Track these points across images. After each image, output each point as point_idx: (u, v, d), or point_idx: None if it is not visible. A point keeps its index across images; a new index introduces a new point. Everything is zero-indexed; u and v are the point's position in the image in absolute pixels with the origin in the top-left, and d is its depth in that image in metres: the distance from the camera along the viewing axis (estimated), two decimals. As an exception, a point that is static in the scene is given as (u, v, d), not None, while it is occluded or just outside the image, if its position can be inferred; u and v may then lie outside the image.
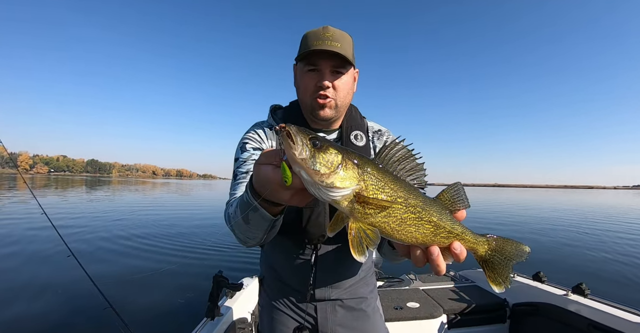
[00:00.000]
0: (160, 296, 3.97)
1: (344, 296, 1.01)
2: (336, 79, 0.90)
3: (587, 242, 8.01)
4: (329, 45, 0.85)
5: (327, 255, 0.96)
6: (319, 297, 0.98)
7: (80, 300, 3.64)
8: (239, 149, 0.98)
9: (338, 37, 0.87)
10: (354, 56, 0.93)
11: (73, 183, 45.96)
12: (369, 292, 1.08)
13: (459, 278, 2.59)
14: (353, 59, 0.91)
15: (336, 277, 0.98)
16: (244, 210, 0.66)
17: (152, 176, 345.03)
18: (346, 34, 0.91)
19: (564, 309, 1.83)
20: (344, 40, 0.88)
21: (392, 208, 0.50)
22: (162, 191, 32.79)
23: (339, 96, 0.91)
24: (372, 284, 1.11)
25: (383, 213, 0.49)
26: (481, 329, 2.10)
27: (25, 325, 3.12)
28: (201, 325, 1.57)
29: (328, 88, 0.89)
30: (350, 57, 0.89)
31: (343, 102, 0.93)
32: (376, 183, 0.49)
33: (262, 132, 1.02)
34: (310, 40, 0.87)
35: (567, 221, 12.77)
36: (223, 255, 6.09)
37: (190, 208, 15.49)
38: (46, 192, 22.44)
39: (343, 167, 0.48)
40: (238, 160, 0.96)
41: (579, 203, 26.86)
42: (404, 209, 0.50)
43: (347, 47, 0.89)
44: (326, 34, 0.87)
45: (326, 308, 1.00)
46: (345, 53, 0.87)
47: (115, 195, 23.23)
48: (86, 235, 7.55)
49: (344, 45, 0.88)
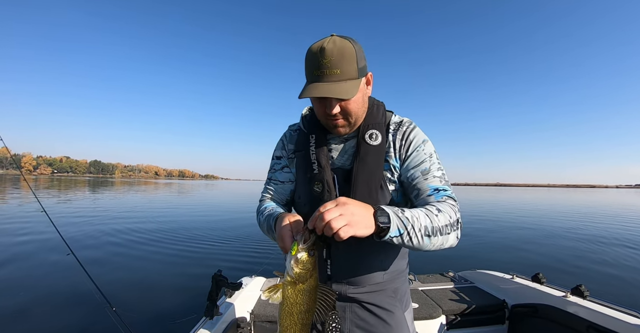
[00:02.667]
0: (159, 295, 3.98)
1: (364, 299, 0.99)
2: (344, 102, 0.87)
3: (586, 243, 7.96)
4: (328, 75, 0.81)
5: (339, 249, 0.97)
6: (337, 291, 1.00)
7: (79, 299, 3.65)
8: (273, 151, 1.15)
9: (337, 60, 0.80)
10: (359, 68, 0.85)
11: (76, 184, 46.25)
12: (395, 306, 1.02)
13: (458, 279, 2.59)
14: (359, 70, 0.85)
15: (350, 272, 0.99)
16: (266, 230, 0.97)
17: (155, 177, 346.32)
18: (348, 45, 0.82)
19: (563, 311, 1.83)
20: (343, 61, 0.81)
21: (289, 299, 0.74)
22: (163, 191, 32.91)
23: (351, 114, 0.90)
24: (402, 299, 1.05)
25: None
26: (480, 330, 2.10)
27: (24, 325, 3.12)
28: (200, 324, 1.58)
29: (337, 114, 0.89)
30: (352, 85, 0.83)
31: (357, 115, 0.92)
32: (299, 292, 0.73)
33: (285, 138, 1.11)
34: (309, 69, 0.84)
35: (566, 221, 12.68)
36: (222, 255, 6.11)
37: (191, 208, 15.54)
38: (49, 192, 22.61)
39: (304, 273, 0.71)
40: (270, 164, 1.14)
41: (579, 203, 26.67)
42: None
43: (348, 68, 0.82)
44: (324, 60, 0.80)
45: (344, 306, 1.00)
46: (345, 85, 0.82)
47: (118, 195, 23.34)
48: (86, 235, 7.59)
49: (344, 67, 0.82)
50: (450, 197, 0.87)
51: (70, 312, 3.40)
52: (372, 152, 0.93)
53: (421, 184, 0.89)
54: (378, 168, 0.93)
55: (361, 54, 0.86)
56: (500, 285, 2.32)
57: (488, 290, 2.35)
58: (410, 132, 0.96)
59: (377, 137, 0.94)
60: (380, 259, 0.99)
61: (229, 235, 8.08)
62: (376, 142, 0.93)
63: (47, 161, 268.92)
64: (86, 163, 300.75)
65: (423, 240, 0.75)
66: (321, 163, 0.95)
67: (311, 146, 0.98)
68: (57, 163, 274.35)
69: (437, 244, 0.78)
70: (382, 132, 0.95)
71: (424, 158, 0.92)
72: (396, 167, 0.94)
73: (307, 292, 0.72)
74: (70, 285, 4.10)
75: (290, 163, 1.08)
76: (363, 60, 0.87)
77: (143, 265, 5.30)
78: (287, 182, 1.09)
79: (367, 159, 0.92)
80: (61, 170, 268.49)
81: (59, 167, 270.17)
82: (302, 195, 1.02)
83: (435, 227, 0.76)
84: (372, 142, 0.93)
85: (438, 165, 0.93)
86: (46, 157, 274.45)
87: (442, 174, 0.92)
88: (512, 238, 8.56)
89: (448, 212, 0.81)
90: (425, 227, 0.75)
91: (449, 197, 0.87)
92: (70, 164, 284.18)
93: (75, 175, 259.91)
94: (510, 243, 7.80)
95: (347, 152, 0.98)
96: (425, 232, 0.75)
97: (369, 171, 0.91)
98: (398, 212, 0.74)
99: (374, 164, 0.92)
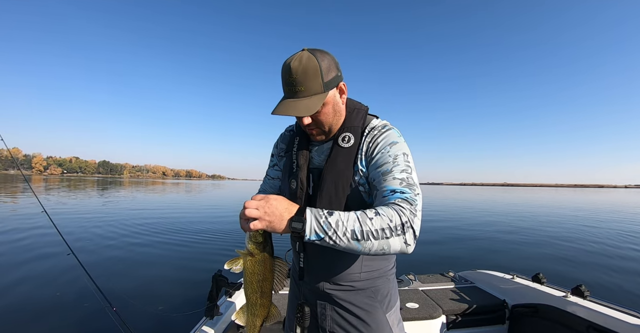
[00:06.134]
0: (160, 295, 4.01)
1: (342, 297, 1.01)
2: (314, 115, 0.93)
3: (587, 243, 7.85)
4: (294, 92, 0.87)
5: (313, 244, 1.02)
6: (313, 284, 1.05)
7: (80, 299, 3.67)
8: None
9: (301, 77, 0.86)
10: (325, 82, 0.89)
11: (85, 184, 46.91)
12: (375, 307, 1.02)
13: (459, 279, 2.59)
14: (324, 85, 0.88)
15: (325, 268, 1.02)
16: None
17: (163, 177, 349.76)
18: (312, 62, 0.86)
19: (564, 311, 1.82)
20: (307, 78, 0.86)
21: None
22: (170, 191, 33.25)
23: (322, 124, 0.96)
24: (383, 300, 1.04)
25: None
26: (480, 330, 2.10)
27: (24, 325, 3.14)
28: (200, 324, 1.61)
29: (309, 124, 0.95)
30: (315, 100, 0.88)
31: (329, 124, 0.97)
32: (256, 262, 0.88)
33: (280, 138, 1.21)
34: (282, 86, 0.91)
35: (567, 221, 12.53)
36: (223, 255, 6.14)
37: (192, 208, 15.65)
38: (58, 192, 23.00)
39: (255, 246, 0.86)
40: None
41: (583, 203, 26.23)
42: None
43: (312, 84, 0.87)
44: (289, 78, 0.86)
45: (325, 304, 1.04)
46: (308, 101, 0.87)
47: (121, 195, 23.63)
48: (88, 235, 7.67)
49: (308, 83, 0.86)
50: (404, 200, 0.81)
51: (70, 312, 3.41)
52: (342, 154, 0.97)
53: (379, 185, 0.88)
54: (347, 169, 0.95)
55: (329, 67, 0.89)
56: (500, 285, 2.32)
57: (488, 290, 2.35)
58: (380, 135, 0.96)
59: (350, 139, 0.97)
60: (355, 258, 1.01)
61: (229, 235, 8.13)
62: (348, 144, 0.97)
63: (57, 161, 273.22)
64: (95, 163, 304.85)
65: (351, 243, 0.74)
66: (299, 162, 1.03)
67: (294, 147, 1.07)
68: (67, 163, 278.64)
69: (374, 248, 0.75)
70: (356, 135, 0.98)
71: (387, 160, 0.90)
72: (362, 170, 0.95)
73: (261, 263, 0.88)
74: (70, 286, 4.13)
75: (279, 161, 1.18)
76: (332, 72, 0.90)
77: (143, 265, 5.34)
78: (276, 178, 1.20)
79: (337, 160, 0.96)
80: (71, 171, 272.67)
81: (69, 168, 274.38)
82: (283, 190, 1.10)
83: (366, 230, 0.74)
84: (344, 144, 0.97)
85: (403, 167, 0.89)
86: (56, 158, 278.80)
87: (406, 176, 0.87)
88: (513, 238, 8.49)
89: (389, 216, 0.76)
90: (353, 231, 0.74)
91: (403, 200, 0.81)
92: (80, 164, 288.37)
93: (85, 175, 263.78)
94: (511, 244, 7.74)
95: (323, 153, 1.03)
96: (353, 236, 0.74)
97: (337, 171, 0.95)
98: (321, 217, 0.75)
99: (342, 165, 0.95)
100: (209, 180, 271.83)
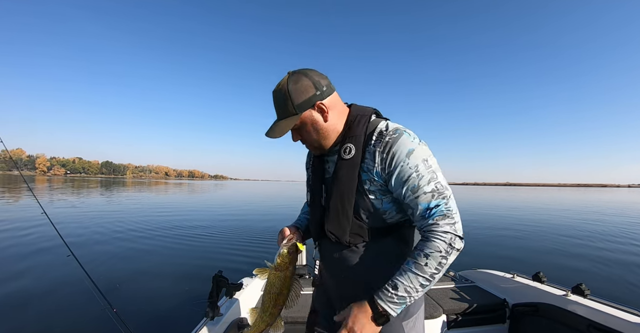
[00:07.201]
0: (160, 296, 4.02)
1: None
2: (299, 133, 1.01)
3: (587, 242, 7.83)
4: (278, 115, 0.98)
5: (325, 249, 1.11)
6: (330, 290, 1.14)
7: (80, 300, 3.68)
8: None
9: (277, 102, 0.96)
10: (296, 105, 0.93)
11: (88, 184, 47.11)
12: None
13: (459, 278, 2.59)
14: (296, 107, 0.93)
15: (335, 272, 1.09)
16: None
17: (165, 177, 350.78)
18: (284, 87, 0.93)
19: (564, 309, 1.82)
20: (280, 102, 0.95)
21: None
22: (174, 191, 33.37)
23: (310, 142, 1.02)
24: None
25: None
26: (481, 329, 2.10)
27: (24, 325, 3.16)
28: (201, 325, 1.61)
29: (300, 141, 1.04)
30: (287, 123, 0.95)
31: (317, 142, 1.01)
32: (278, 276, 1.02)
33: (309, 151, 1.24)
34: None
35: (568, 221, 12.48)
36: (223, 255, 6.16)
37: (193, 208, 15.74)
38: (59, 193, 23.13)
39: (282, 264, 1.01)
40: None
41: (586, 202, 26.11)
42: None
43: (285, 108, 0.94)
44: (273, 102, 0.98)
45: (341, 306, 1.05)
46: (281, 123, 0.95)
47: (129, 195, 23.74)
48: (88, 236, 7.72)
49: (281, 108, 0.95)
50: (442, 215, 0.84)
51: (70, 313, 3.42)
52: (344, 165, 0.99)
53: (413, 203, 0.89)
54: (350, 180, 0.97)
55: (301, 89, 0.93)
56: (500, 284, 2.31)
57: (489, 289, 2.35)
58: (392, 144, 0.91)
59: (351, 150, 0.98)
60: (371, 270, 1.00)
61: (229, 235, 8.16)
62: (349, 155, 0.98)
63: (60, 162, 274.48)
64: (98, 164, 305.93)
65: (425, 288, 0.85)
66: (313, 175, 1.13)
67: (312, 159, 1.16)
68: (70, 164, 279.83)
69: (436, 281, 0.85)
70: (357, 144, 0.97)
71: (409, 173, 0.88)
72: (373, 179, 0.94)
73: (282, 279, 1.01)
74: (71, 286, 4.14)
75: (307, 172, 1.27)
76: (306, 94, 0.94)
77: (143, 266, 5.36)
78: None
79: (340, 172, 0.99)
80: (74, 171, 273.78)
81: (72, 168, 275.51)
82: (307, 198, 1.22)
83: (430, 275, 0.83)
84: (345, 156, 0.99)
85: (429, 176, 0.88)
86: (59, 158, 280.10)
87: (435, 186, 0.87)
88: (513, 237, 8.48)
89: (436, 249, 0.82)
90: (421, 284, 0.83)
91: (441, 216, 0.84)
92: (83, 164, 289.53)
93: (88, 175, 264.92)
94: (511, 243, 7.73)
95: (334, 165, 1.06)
96: (423, 286, 0.84)
97: (341, 182, 0.98)
98: (393, 297, 0.83)
99: (345, 176, 0.98)
100: (211, 181, 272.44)
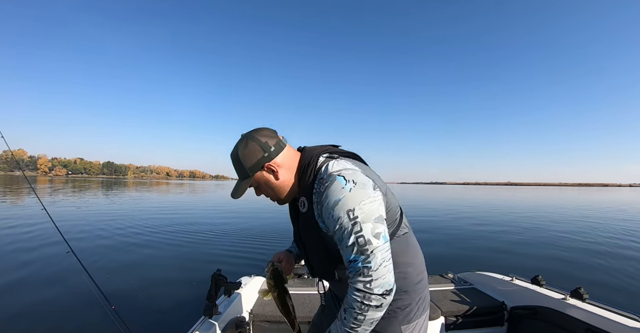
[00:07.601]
0: (158, 294, 4.03)
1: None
2: (258, 190, 1.07)
3: (586, 245, 7.76)
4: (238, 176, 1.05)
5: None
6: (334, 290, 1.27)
7: (78, 297, 3.68)
8: None
9: (234, 165, 1.03)
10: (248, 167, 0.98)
11: (90, 185, 47.21)
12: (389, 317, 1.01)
13: (458, 280, 2.59)
14: (248, 169, 0.99)
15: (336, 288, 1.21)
16: None
17: (166, 177, 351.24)
18: (234, 153, 1.01)
19: (562, 313, 1.82)
20: (235, 166, 1.02)
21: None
22: (175, 191, 33.36)
23: (272, 196, 1.07)
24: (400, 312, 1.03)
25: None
26: (479, 332, 2.09)
27: (23, 323, 3.16)
28: (199, 323, 1.61)
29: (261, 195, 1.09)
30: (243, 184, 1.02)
31: (275, 196, 1.07)
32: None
33: None
34: None
35: (568, 222, 12.41)
36: (222, 254, 6.16)
37: (193, 208, 15.76)
38: (60, 193, 23.19)
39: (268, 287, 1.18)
40: None
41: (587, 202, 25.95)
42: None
43: (239, 171, 1.02)
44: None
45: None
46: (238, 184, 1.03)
47: (130, 195, 23.76)
48: (87, 234, 7.74)
49: (237, 171, 1.03)
50: (357, 273, 0.84)
51: (69, 311, 3.43)
52: (303, 218, 1.05)
53: (342, 252, 0.91)
54: (312, 230, 1.01)
55: (250, 153, 0.98)
56: (499, 287, 2.31)
57: (487, 291, 2.35)
58: (322, 193, 0.91)
59: (305, 204, 1.01)
60: None
61: (228, 235, 8.16)
62: (304, 209, 1.02)
63: (62, 163, 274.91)
64: (99, 164, 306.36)
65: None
66: (291, 217, 1.18)
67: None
68: (72, 164, 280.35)
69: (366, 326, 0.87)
70: (308, 196, 0.99)
71: (334, 224, 0.88)
72: (323, 227, 0.98)
73: (276, 298, 1.17)
74: (69, 284, 4.14)
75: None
76: (254, 157, 0.98)
77: (142, 264, 5.37)
78: None
79: (302, 224, 1.07)
80: (75, 171, 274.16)
81: (74, 168, 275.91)
82: None
83: (348, 330, 0.87)
84: (302, 209, 1.03)
85: (351, 229, 0.85)
86: (61, 159, 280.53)
87: (355, 240, 0.84)
88: (512, 240, 8.43)
89: (350, 305, 0.86)
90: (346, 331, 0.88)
91: (356, 273, 0.84)
92: (84, 165, 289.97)
93: (89, 176, 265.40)
94: (510, 245, 7.68)
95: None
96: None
97: (307, 235, 1.08)
98: None
99: (307, 227, 1.04)
100: (212, 181, 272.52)
